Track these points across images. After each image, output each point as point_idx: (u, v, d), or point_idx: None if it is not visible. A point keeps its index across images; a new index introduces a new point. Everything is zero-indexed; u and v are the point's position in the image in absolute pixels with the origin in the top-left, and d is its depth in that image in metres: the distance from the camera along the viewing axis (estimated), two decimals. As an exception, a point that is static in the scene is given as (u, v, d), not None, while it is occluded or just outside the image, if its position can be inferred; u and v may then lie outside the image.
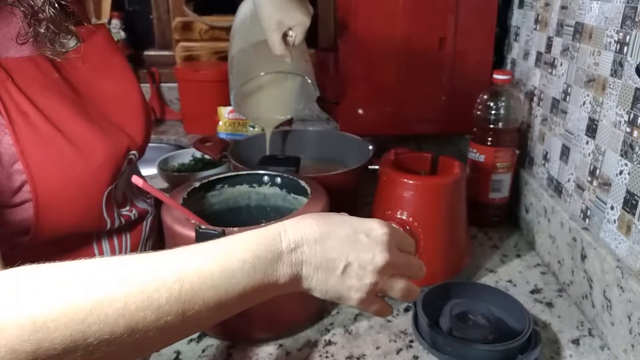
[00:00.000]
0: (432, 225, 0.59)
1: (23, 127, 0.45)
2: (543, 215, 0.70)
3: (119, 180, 0.54)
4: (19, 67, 0.47)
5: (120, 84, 0.58)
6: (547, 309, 0.60)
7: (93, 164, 0.49)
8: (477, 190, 0.76)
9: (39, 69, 0.49)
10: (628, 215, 0.52)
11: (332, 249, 0.39)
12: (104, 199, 0.51)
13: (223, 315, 0.37)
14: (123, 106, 0.56)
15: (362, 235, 0.40)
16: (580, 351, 0.53)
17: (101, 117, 0.53)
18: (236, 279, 0.35)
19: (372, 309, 0.42)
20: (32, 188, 0.45)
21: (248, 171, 0.63)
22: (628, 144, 0.53)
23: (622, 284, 0.51)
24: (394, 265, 0.40)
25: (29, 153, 0.45)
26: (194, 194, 0.58)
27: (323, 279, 0.39)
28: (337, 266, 0.39)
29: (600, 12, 0.58)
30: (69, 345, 0.30)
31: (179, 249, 0.36)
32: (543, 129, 0.74)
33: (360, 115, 0.89)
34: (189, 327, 0.35)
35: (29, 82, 0.47)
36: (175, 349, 0.54)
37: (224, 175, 0.62)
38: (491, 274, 0.68)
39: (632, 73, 0.52)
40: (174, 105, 1.36)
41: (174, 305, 0.33)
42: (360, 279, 0.39)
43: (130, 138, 0.55)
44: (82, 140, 0.49)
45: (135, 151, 0.56)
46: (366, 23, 0.83)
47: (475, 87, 0.81)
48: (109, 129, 0.53)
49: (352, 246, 0.39)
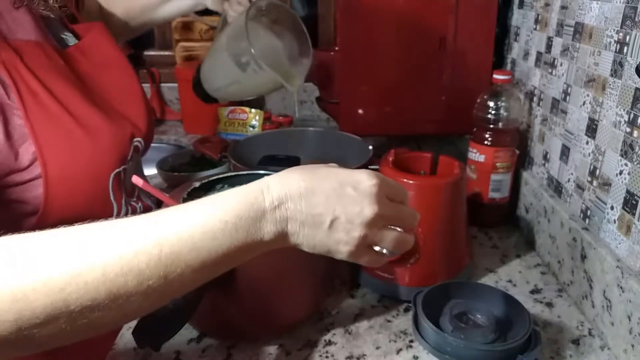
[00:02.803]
0: (432, 225, 0.59)
1: (33, 105, 0.46)
2: (543, 215, 0.70)
3: (128, 166, 0.54)
4: (28, 49, 0.48)
5: (120, 76, 0.59)
6: (547, 309, 0.60)
7: (100, 145, 0.50)
8: (477, 190, 0.76)
9: (46, 54, 0.50)
10: (628, 215, 0.52)
11: (318, 204, 0.38)
12: (111, 180, 0.51)
13: (209, 275, 0.36)
14: (124, 96, 0.58)
15: (349, 188, 0.38)
16: (580, 351, 0.53)
17: (105, 104, 0.54)
18: (218, 240, 0.35)
19: (362, 261, 0.41)
20: (42, 164, 0.46)
21: (248, 171, 0.63)
22: (628, 144, 0.53)
23: (622, 284, 0.51)
24: (383, 216, 0.39)
25: (39, 130, 0.46)
26: (194, 193, 0.58)
27: (310, 235, 0.38)
28: (324, 221, 0.38)
29: (600, 12, 0.58)
30: (50, 313, 0.30)
31: (161, 212, 0.36)
32: (543, 129, 0.74)
33: (360, 115, 0.89)
34: (173, 289, 0.35)
35: (37, 64, 0.48)
36: (175, 348, 0.54)
37: (224, 175, 0.62)
38: (491, 274, 0.68)
39: (632, 73, 0.52)
40: (174, 105, 1.36)
41: (154, 269, 0.33)
42: (348, 232, 0.38)
43: (134, 125, 0.56)
44: (89, 122, 0.50)
45: (140, 138, 0.57)
46: (366, 23, 0.83)
47: (475, 87, 0.81)
48: (114, 116, 0.54)
49: (338, 200, 0.38)
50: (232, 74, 0.71)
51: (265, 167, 0.63)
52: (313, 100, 1.27)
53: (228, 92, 0.78)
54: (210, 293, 0.47)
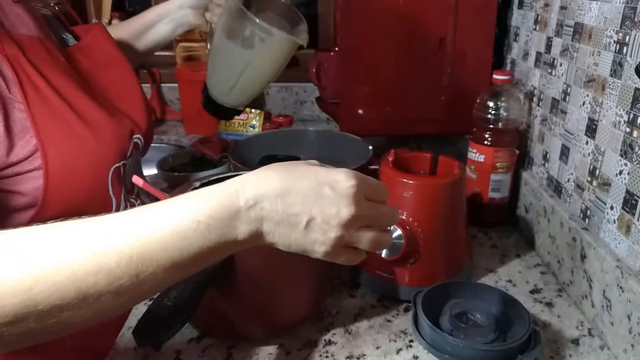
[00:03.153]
0: (431, 225, 0.59)
1: (35, 99, 0.47)
2: (543, 215, 0.70)
3: (127, 162, 0.55)
4: (30, 44, 0.49)
5: (119, 75, 0.60)
6: (546, 309, 0.60)
7: (101, 140, 0.51)
8: (477, 190, 0.76)
9: (48, 50, 0.51)
10: (628, 215, 0.52)
11: (294, 204, 0.37)
12: (111, 175, 0.52)
13: (182, 274, 0.36)
14: (124, 94, 0.58)
15: (326, 188, 0.38)
16: (580, 351, 0.54)
17: (105, 101, 0.55)
18: (190, 240, 0.34)
19: (339, 260, 0.41)
20: (42, 156, 0.46)
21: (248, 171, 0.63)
22: (628, 144, 0.53)
23: (622, 284, 0.51)
24: (360, 217, 0.38)
25: (41, 123, 0.46)
26: None
27: (286, 234, 0.38)
28: (300, 221, 0.37)
29: (599, 13, 0.58)
30: (19, 312, 0.30)
31: (134, 211, 0.35)
32: (543, 129, 0.74)
33: (360, 116, 0.89)
34: (146, 288, 0.35)
35: (40, 59, 0.49)
36: (176, 348, 0.54)
37: (224, 175, 0.62)
38: (491, 273, 0.68)
39: (631, 73, 0.52)
40: (174, 105, 1.36)
41: (125, 269, 0.32)
42: (325, 232, 0.38)
43: (134, 122, 0.57)
44: (90, 117, 0.51)
45: (140, 135, 0.57)
46: (366, 23, 0.83)
47: (475, 88, 0.81)
48: (114, 112, 0.55)
49: (315, 200, 0.37)
50: (241, 58, 0.68)
51: None
52: (313, 101, 1.28)
53: (243, 87, 0.72)
54: (210, 293, 0.47)
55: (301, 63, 1.36)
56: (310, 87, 1.29)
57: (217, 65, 0.73)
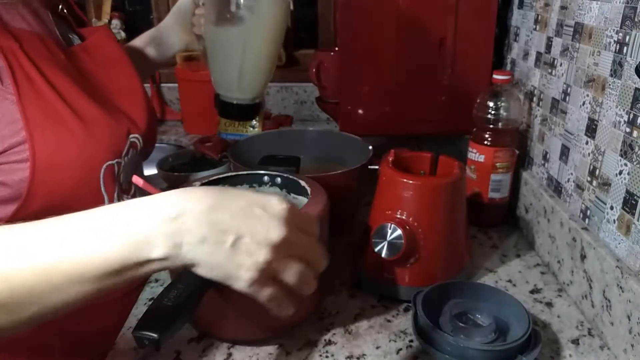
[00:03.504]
0: (431, 225, 0.59)
1: (28, 90, 0.47)
2: (543, 215, 0.70)
3: (123, 161, 0.55)
4: (29, 39, 0.49)
5: (122, 75, 0.60)
6: (546, 309, 0.60)
7: (94, 136, 0.51)
8: (477, 190, 0.76)
9: (47, 47, 0.51)
10: (628, 215, 0.52)
11: (222, 221, 0.35)
12: (103, 171, 0.52)
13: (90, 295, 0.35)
14: (125, 94, 0.59)
15: (257, 209, 0.36)
16: (580, 351, 0.54)
17: (104, 99, 0.55)
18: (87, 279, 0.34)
19: (264, 294, 0.37)
20: (30, 147, 0.46)
21: (248, 171, 0.63)
22: (628, 144, 0.53)
23: (622, 284, 0.51)
24: (290, 243, 0.36)
25: (31, 115, 0.46)
26: None
27: (209, 253, 0.35)
28: (226, 239, 0.34)
29: (600, 13, 0.58)
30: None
31: (32, 235, 0.34)
32: (543, 129, 0.74)
33: (360, 116, 0.89)
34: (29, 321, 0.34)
35: (38, 54, 0.49)
36: (176, 348, 0.54)
37: (225, 175, 0.62)
38: (491, 273, 0.68)
39: (631, 73, 0.52)
40: (174, 105, 1.36)
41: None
42: (252, 254, 0.35)
43: (132, 121, 0.57)
44: (85, 113, 0.51)
45: (137, 135, 0.57)
46: (366, 23, 0.83)
47: (475, 87, 0.81)
48: (111, 110, 0.55)
49: (245, 218, 0.35)
50: (236, 39, 0.66)
51: (266, 167, 0.63)
52: (313, 101, 1.28)
53: (249, 72, 0.68)
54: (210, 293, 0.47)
55: (301, 63, 1.36)
56: (310, 87, 1.29)
57: (216, 60, 0.71)
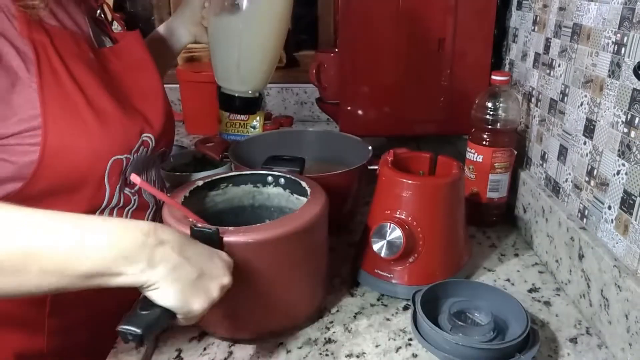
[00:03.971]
0: (430, 224, 0.60)
1: (50, 81, 0.50)
2: (541, 214, 0.71)
3: (132, 157, 0.57)
4: (60, 35, 0.53)
5: (146, 80, 0.64)
6: (545, 308, 0.61)
7: (106, 128, 0.54)
8: (476, 190, 0.77)
9: (77, 45, 0.55)
10: (625, 215, 0.53)
11: (191, 257, 0.42)
12: (110, 164, 0.54)
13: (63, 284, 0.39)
14: (145, 95, 0.62)
15: (215, 256, 0.45)
16: (578, 350, 0.54)
17: (124, 98, 0.58)
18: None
19: (191, 322, 0.44)
20: (43, 132, 0.49)
21: (252, 171, 0.63)
22: (625, 144, 0.53)
23: (620, 283, 0.51)
24: (225, 291, 0.44)
25: (50, 104, 0.50)
26: (197, 192, 0.59)
27: (174, 280, 0.40)
28: (192, 273, 0.41)
29: (598, 14, 0.59)
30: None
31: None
32: (541, 130, 0.74)
33: (360, 116, 0.89)
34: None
35: (67, 50, 0.53)
36: (177, 347, 0.54)
37: (228, 174, 0.62)
38: (489, 273, 0.68)
39: (629, 74, 0.52)
40: (175, 106, 1.36)
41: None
42: (208, 291, 0.42)
43: (147, 121, 0.60)
44: (100, 106, 0.54)
45: (150, 134, 0.60)
46: (366, 24, 0.84)
47: (473, 88, 0.81)
48: (128, 108, 0.58)
49: (208, 260, 0.43)
50: (233, 27, 0.66)
51: (270, 167, 0.63)
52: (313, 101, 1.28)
53: (248, 62, 0.68)
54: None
55: (301, 64, 1.37)
56: (310, 88, 1.29)
57: (216, 51, 0.71)
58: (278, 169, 0.63)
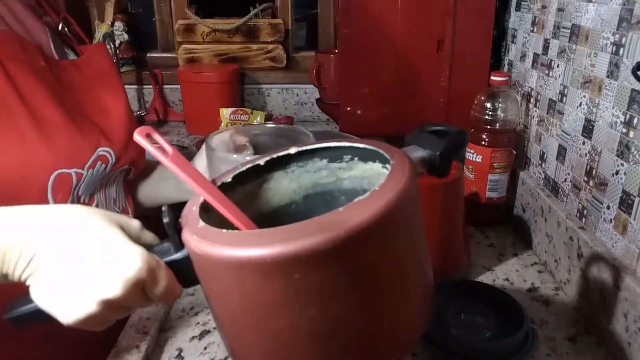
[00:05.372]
0: (429, 224, 0.59)
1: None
2: (540, 214, 0.71)
3: (86, 172, 0.54)
4: (4, 39, 0.50)
5: (109, 95, 0.61)
6: (544, 307, 0.61)
7: (48, 141, 0.50)
8: (475, 189, 0.77)
9: (25, 51, 0.52)
10: (624, 214, 0.53)
11: (67, 263, 0.34)
12: (53, 178, 0.50)
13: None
14: (104, 109, 0.59)
15: (109, 267, 0.36)
16: (577, 349, 0.54)
17: (77, 111, 0.55)
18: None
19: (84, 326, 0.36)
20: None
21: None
22: (624, 145, 0.53)
23: (619, 283, 0.51)
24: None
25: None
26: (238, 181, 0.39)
27: (42, 282, 0.34)
28: (61, 277, 0.34)
29: (596, 14, 0.59)
30: None
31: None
32: (540, 130, 0.75)
33: (359, 116, 0.90)
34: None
35: (8, 54, 0.50)
36: (178, 346, 0.54)
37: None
38: (488, 272, 0.68)
39: (628, 74, 0.53)
40: (176, 106, 1.37)
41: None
42: (81, 298, 0.35)
43: (103, 134, 0.56)
44: (45, 116, 0.50)
45: (108, 148, 0.57)
46: (366, 25, 0.84)
47: (472, 89, 0.81)
48: (81, 121, 0.54)
49: (90, 269, 0.35)
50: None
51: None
52: (313, 102, 1.29)
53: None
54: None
55: (301, 65, 1.37)
56: (310, 88, 1.29)
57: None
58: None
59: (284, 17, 1.33)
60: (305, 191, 0.43)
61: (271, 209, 0.42)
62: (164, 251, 0.35)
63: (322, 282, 0.28)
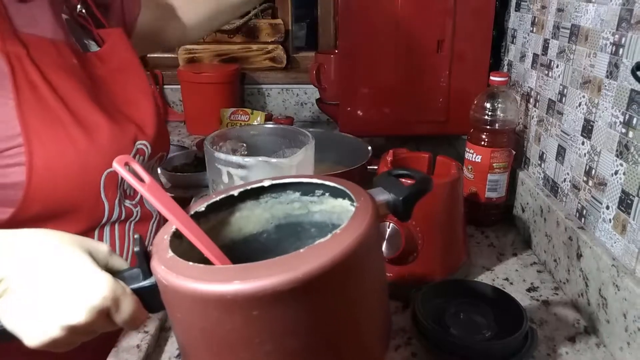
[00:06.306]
0: (429, 224, 0.60)
1: (29, 96, 0.47)
2: (539, 214, 0.71)
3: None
4: (39, 45, 0.50)
5: (133, 82, 0.61)
6: (543, 307, 0.61)
7: (96, 143, 0.51)
8: (474, 190, 0.77)
9: (59, 53, 0.52)
10: (623, 214, 0.53)
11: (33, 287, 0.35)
12: (104, 178, 0.52)
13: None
14: (134, 101, 0.59)
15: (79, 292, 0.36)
16: (577, 349, 0.54)
17: (112, 106, 0.55)
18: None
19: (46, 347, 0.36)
20: (27, 151, 0.46)
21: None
22: (623, 145, 0.53)
23: (618, 283, 0.51)
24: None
25: (30, 120, 0.47)
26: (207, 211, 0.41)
27: (7, 307, 0.34)
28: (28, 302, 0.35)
29: (596, 15, 0.59)
30: None
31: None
32: (539, 130, 0.75)
33: (359, 117, 0.90)
34: None
35: (46, 60, 0.50)
36: (178, 346, 0.54)
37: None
38: (488, 272, 0.68)
39: (627, 75, 0.53)
40: (177, 106, 1.37)
41: None
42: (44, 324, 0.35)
43: (139, 128, 0.57)
44: (88, 119, 0.51)
45: (145, 141, 0.57)
46: (365, 25, 0.84)
47: (472, 89, 0.82)
48: (118, 117, 0.55)
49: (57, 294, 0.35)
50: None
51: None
52: (313, 102, 1.29)
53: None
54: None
55: (301, 65, 1.37)
56: (310, 88, 1.30)
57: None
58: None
59: (284, 17, 1.33)
60: (278, 221, 0.44)
61: (243, 236, 0.43)
62: (132, 277, 0.37)
63: (280, 320, 0.30)
